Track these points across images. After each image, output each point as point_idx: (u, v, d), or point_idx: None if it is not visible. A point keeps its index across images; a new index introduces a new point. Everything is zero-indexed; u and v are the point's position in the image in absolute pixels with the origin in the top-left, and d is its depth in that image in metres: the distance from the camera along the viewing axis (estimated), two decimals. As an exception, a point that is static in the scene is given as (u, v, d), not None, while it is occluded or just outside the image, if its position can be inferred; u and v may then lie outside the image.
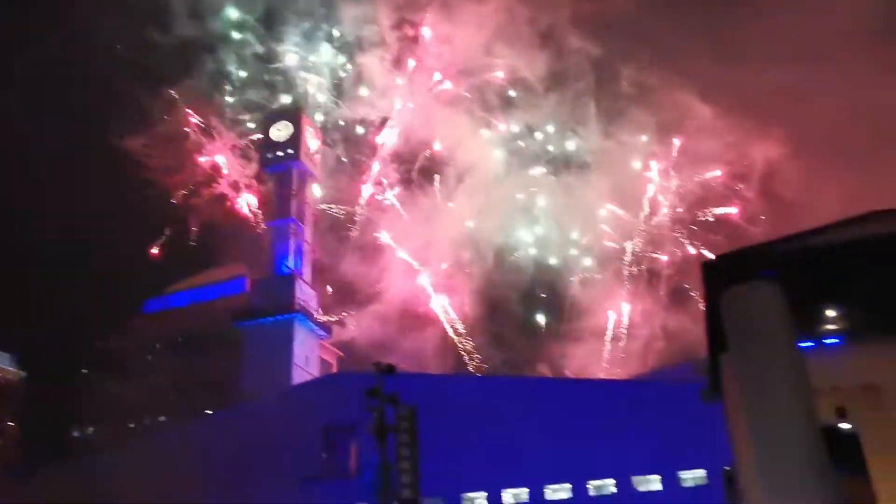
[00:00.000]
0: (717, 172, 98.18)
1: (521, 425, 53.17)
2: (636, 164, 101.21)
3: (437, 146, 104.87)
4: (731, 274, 19.76)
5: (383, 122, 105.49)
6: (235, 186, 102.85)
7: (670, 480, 52.38)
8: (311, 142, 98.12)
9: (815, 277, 20.23)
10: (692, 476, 51.94)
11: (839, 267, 19.91)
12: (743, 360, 19.54)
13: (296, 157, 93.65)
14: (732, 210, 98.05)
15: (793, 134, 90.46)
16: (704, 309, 22.26)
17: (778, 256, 19.42)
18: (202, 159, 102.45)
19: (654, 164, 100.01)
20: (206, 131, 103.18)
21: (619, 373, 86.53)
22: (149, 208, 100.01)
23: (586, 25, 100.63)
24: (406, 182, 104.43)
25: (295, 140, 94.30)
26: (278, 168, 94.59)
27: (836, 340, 22.81)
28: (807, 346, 19.71)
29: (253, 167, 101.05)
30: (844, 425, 23.78)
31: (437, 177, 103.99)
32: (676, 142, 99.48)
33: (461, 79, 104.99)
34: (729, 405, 25.72)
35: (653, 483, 53.14)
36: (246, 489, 59.54)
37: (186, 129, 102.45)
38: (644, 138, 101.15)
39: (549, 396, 56.02)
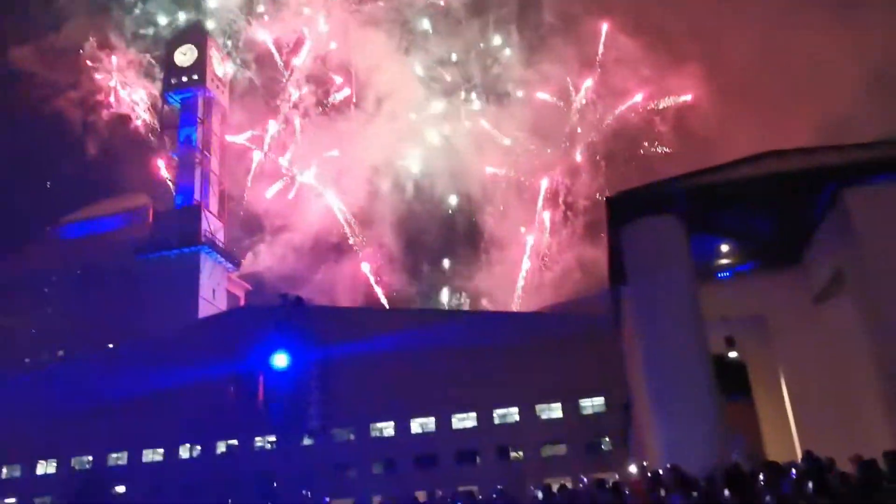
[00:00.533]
0: (638, 97, 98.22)
1: (429, 357, 54.05)
2: (553, 97, 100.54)
3: (354, 74, 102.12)
4: (632, 209, 20.31)
5: (298, 43, 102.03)
6: (136, 110, 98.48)
7: (571, 408, 54.54)
8: (218, 67, 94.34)
9: (712, 213, 21.00)
10: (591, 404, 54.20)
11: (734, 203, 20.70)
12: (640, 291, 20.29)
13: (201, 83, 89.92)
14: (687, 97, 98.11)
15: (708, 71, 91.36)
16: (607, 242, 22.86)
17: (677, 193, 20.01)
18: (99, 76, 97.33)
19: (574, 96, 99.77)
20: (105, 46, 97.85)
21: (532, 304, 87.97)
22: (41, 129, 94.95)
23: None
24: (322, 106, 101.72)
25: (200, 65, 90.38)
26: (183, 94, 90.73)
27: (728, 274, 23.92)
28: (701, 279, 20.52)
29: (157, 87, 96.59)
30: (733, 354, 25.20)
31: (353, 102, 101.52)
32: (588, 83, 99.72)
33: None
34: (627, 336, 26.79)
35: (554, 411, 55.23)
36: (150, 424, 58.86)
37: (86, 42, 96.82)
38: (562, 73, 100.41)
39: (458, 328, 56.95)
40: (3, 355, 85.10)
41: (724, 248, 22.85)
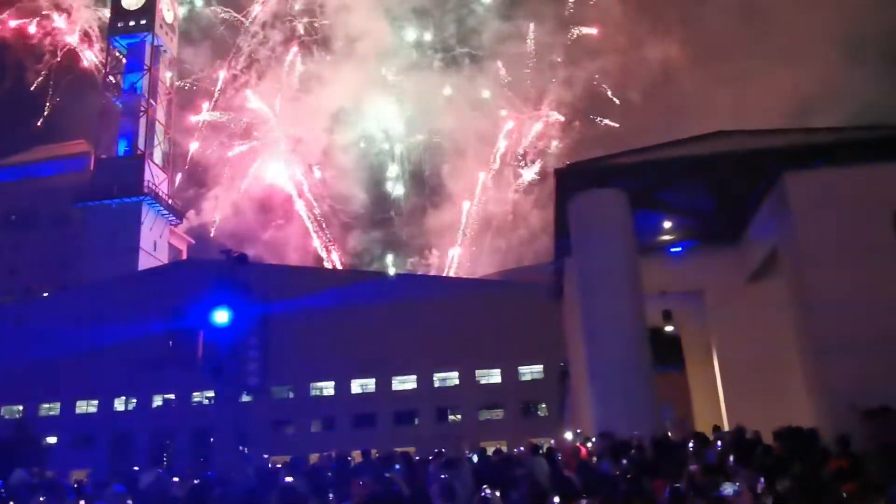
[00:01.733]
0: (593, 29, 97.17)
1: (371, 318, 54.14)
2: (525, 50, 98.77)
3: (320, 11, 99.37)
4: (580, 182, 20.57)
5: None
6: (82, 41, 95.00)
7: (510, 374, 55.41)
8: (168, 13, 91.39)
9: (656, 190, 21.40)
10: (530, 371, 55.17)
11: (680, 180, 21.11)
12: (582, 262, 20.64)
13: (149, 28, 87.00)
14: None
15: (687, 37, 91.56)
16: (554, 214, 23.13)
17: (625, 167, 20.33)
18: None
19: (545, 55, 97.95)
20: None
21: (478, 267, 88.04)
22: None
23: None
24: (285, 45, 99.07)
25: (149, 10, 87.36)
26: (130, 39, 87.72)
27: (669, 249, 24.47)
28: (643, 254, 20.96)
29: (104, 15, 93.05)
30: (669, 328, 25.90)
31: (315, 47, 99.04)
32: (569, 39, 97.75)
33: None
34: (568, 306, 27.27)
35: (493, 376, 56.06)
36: (85, 375, 57.91)
37: None
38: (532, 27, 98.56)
39: (401, 290, 57.08)
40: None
41: (667, 224, 23.35)
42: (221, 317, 27.19)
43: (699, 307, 24.98)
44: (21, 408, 60.93)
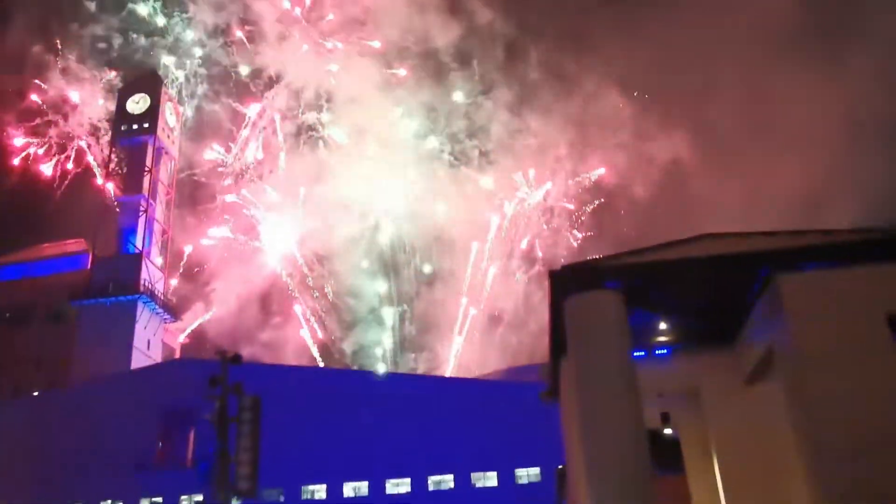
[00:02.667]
0: (602, 170, 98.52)
1: (365, 419, 53.33)
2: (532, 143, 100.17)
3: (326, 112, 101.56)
4: (575, 283, 20.72)
5: (271, 80, 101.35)
6: (91, 134, 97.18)
7: (506, 477, 54.14)
8: (170, 117, 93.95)
9: (651, 290, 21.54)
10: (527, 473, 53.94)
11: (673, 282, 21.28)
12: (579, 364, 20.54)
13: (152, 131, 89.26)
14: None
15: (693, 134, 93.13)
16: (549, 315, 23.18)
17: (619, 269, 20.54)
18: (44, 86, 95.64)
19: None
20: (56, 54, 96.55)
21: (485, 365, 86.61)
22: None
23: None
24: (294, 137, 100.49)
25: (152, 114, 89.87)
26: (132, 142, 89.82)
27: (665, 351, 24.41)
28: (639, 355, 20.92)
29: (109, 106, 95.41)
30: (668, 430, 25.55)
31: (322, 140, 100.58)
32: (561, 160, 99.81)
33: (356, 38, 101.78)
34: (565, 407, 26.95)
35: (490, 479, 54.75)
36: (73, 476, 56.47)
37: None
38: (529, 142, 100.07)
39: (395, 392, 56.48)
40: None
41: (662, 325, 23.38)
42: (213, 418, 26.82)
43: (697, 408, 24.72)
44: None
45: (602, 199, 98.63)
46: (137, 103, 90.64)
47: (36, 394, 75.16)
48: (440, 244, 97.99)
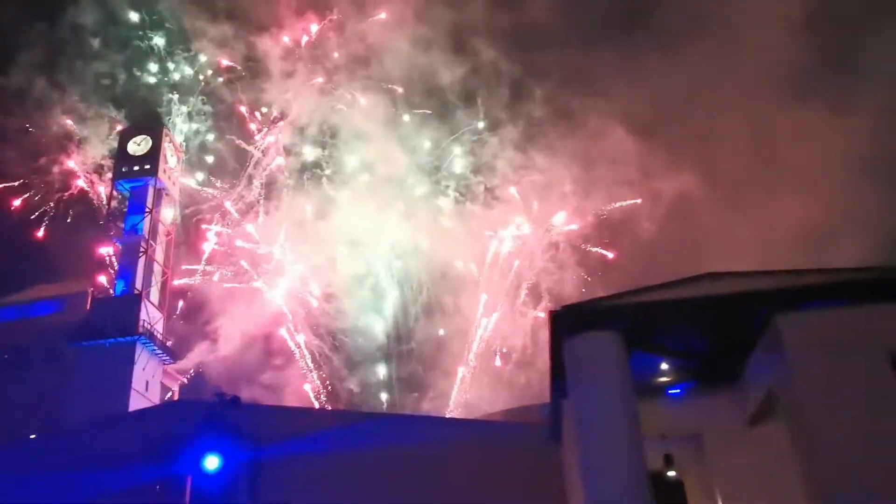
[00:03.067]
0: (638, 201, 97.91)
1: (364, 462, 52.54)
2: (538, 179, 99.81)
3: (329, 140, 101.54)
4: (575, 324, 20.66)
5: (275, 117, 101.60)
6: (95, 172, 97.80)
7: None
8: (171, 158, 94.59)
9: (651, 331, 21.46)
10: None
11: (673, 322, 21.22)
12: (580, 406, 20.38)
13: (153, 172, 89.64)
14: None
15: (700, 172, 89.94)
16: (549, 355, 23.07)
17: (619, 309, 20.50)
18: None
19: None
20: (61, 90, 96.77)
21: (488, 406, 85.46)
22: None
23: (504, 39, 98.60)
24: (297, 174, 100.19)
25: (153, 156, 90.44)
26: (133, 183, 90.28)
27: (668, 391, 24.24)
28: (640, 396, 20.75)
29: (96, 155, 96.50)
30: (671, 473, 25.22)
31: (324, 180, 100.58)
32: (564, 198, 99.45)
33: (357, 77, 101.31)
34: (567, 449, 26.68)
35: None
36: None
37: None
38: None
39: (393, 433, 55.67)
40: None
41: (664, 365, 23.25)
42: (211, 462, 26.57)
43: (700, 450, 24.44)
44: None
45: (608, 236, 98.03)
46: (139, 145, 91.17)
47: (31, 437, 74.43)
48: (445, 280, 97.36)
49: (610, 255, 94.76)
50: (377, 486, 52.53)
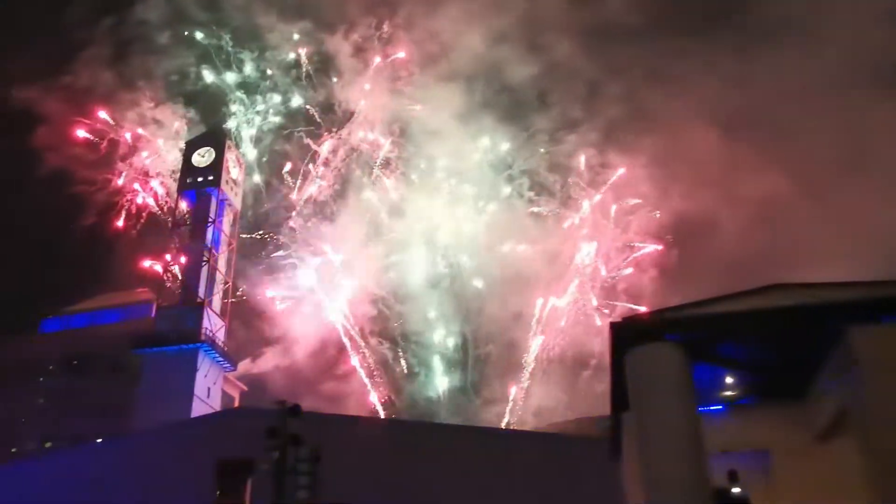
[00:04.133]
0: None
1: (425, 472, 52.57)
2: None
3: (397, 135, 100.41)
4: (636, 335, 20.34)
5: (345, 115, 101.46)
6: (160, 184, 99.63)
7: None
8: (234, 169, 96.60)
9: (715, 343, 21.01)
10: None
11: (737, 335, 20.74)
12: (642, 419, 20.03)
13: (216, 183, 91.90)
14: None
15: (786, 172, 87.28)
16: (610, 368, 22.75)
17: (681, 321, 20.11)
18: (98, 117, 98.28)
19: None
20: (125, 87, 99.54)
21: (560, 417, 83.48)
22: (47, 199, 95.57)
23: (580, 35, 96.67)
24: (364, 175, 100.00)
25: (216, 167, 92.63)
26: (197, 194, 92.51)
27: (732, 405, 23.66)
28: (704, 410, 20.33)
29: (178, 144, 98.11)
30: (736, 489, 24.56)
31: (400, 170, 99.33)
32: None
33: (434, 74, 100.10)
34: (628, 464, 26.22)
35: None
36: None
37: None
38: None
39: (457, 443, 55.61)
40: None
41: (729, 379, 22.72)
42: (271, 469, 26.83)
43: (767, 467, 23.76)
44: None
45: (688, 239, 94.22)
46: (203, 156, 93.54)
47: (99, 441, 76.57)
48: (518, 283, 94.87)
49: (686, 258, 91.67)
50: (437, 497, 52.51)
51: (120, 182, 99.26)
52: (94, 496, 55.39)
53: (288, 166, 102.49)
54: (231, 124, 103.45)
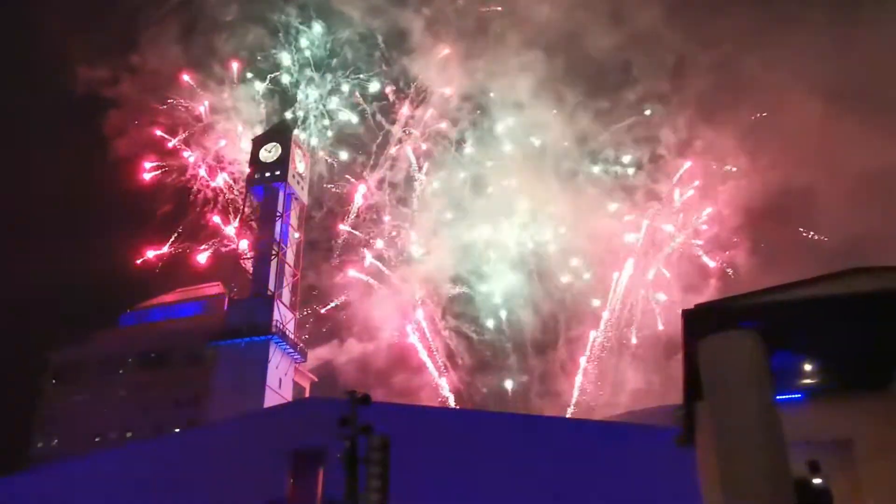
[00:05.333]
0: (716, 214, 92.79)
1: (496, 463, 52.48)
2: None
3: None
4: (710, 323, 19.81)
5: (418, 93, 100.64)
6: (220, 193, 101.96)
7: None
8: (300, 164, 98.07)
9: (793, 331, 20.29)
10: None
11: (817, 321, 19.99)
12: (717, 409, 19.52)
13: (283, 178, 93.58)
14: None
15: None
16: (683, 356, 22.23)
17: (757, 308, 19.48)
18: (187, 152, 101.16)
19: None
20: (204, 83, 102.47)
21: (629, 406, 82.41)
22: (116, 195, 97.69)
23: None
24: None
25: (283, 162, 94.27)
26: (265, 189, 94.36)
27: (811, 394, 22.86)
28: (782, 399, 19.69)
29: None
30: (817, 480, 23.77)
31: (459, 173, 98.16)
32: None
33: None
34: (702, 453, 25.64)
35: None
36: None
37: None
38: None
39: (529, 434, 55.34)
40: (74, 434, 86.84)
41: (807, 366, 21.94)
42: (343, 457, 27.20)
43: (849, 457, 22.90)
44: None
45: (785, 218, 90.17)
46: (269, 152, 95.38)
47: (177, 431, 78.94)
48: (608, 259, 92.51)
49: (781, 236, 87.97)
50: (509, 487, 52.41)
51: (201, 172, 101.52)
52: (173, 484, 57.11)
53: (362, 147, 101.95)
54: (301, 102, 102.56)
